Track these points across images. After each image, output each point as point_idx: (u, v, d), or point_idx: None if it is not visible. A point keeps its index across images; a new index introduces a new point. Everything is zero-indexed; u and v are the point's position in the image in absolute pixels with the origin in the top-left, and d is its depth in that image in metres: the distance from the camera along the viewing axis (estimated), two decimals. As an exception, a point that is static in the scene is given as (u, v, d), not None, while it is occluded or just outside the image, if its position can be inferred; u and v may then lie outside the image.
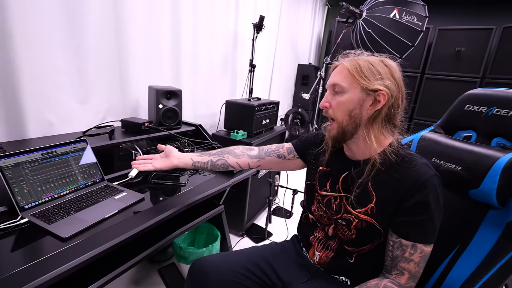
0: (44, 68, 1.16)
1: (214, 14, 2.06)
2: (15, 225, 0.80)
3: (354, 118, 0.74)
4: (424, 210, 0.69)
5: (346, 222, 0.80)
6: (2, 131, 1.08)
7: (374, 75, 0.71)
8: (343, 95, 0.74)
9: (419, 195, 0.69)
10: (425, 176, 0.69)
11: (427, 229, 0.70)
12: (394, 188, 0.72)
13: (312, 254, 0.92)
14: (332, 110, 0.77)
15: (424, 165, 0.72)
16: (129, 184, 1.15)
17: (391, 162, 0.74)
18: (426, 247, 0.71)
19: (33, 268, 0.65)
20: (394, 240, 0.73)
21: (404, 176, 0.72)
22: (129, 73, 1.52)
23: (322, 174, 0.89)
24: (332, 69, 0.80)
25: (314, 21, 4.04)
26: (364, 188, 0.77)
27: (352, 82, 0.72)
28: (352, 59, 0.75)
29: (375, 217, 0.75)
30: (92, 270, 0.86)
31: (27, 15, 1.06)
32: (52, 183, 0.94)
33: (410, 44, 2.90)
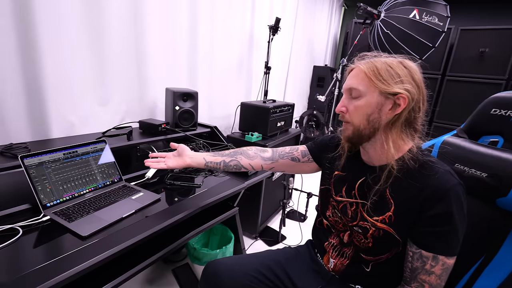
0: (67, 71, 1.20)
1: (231, 16, 2.07)
2: (38, 222, 0.83)
3: (372, 123, 0.71)
4: (446, 221, 0.66)
5: (362, 229, 0.77)
6: (28, 131, 1.13)
7: (393, 78, 0.68)
8: (360, 99, 0.71)
9: (441, 205, 0.65)
10: (447, 184, 0.66)
11: (450, 241, 0.67)
12: (414, 197, 0.69)
13: (326, 260, 0.90)
14: (349, 114, 0.74)
15: (446, 172, 0.68)
16: (145, 184, 1.17)
17: (410, 169, 0.70)
18: (448, 259, 0.67)
19: (53, 266, 0.67)
20: (414, 251, 0.70)
21: (424, 184, 0.68)
22: (147, 76, 1.56)
23: (338, 179, 0.86)
24: (348, 72, 0.77)
25: (330, 22, 3.99)
26: (381, 195, 0.74)
27: (370, 85, 0.69)
28: (369, 62, 0.72)
29: (393, 226, 0.72)
30: (109, 269, 0.88)
31: (52, 18, 1.11)
32: (72, 182, 0.97)
33: (430, 45, 2.81)
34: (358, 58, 0.77)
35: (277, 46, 2.73)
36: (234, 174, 1.35)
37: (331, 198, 0.87)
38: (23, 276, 0.63)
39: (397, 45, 2.85)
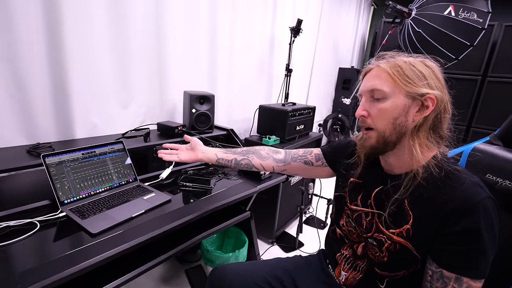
0: (91, 74, 1.27)
1: (252, 19, 2.07)
2: (55, 218, 0.87)
3: (398, 127, 0.65)
4: (473, 239, 0.58)
5: (377, 242, 0.71)
6: (54, 131, 1.20)
7: (419, 78, 0.63)
8: (385, 101, 0.65)
9: (467, 221, 0.58)
10: (476, 198, 0.59)
11: (476, 262, 0.59)
12: (435, 210, 0.62)
13: (338, 273, 0.85)
14: (371, 118, 0.68)
15: (475, 184, 0.61)
16: (159, 185, 1.19)
17: (433, 178, 0.64)
18: (474, 282, 0.59)
19: (60, 262, 0.70)
20: (434, 269, 0.63)
21: (448, 196, 0.61)
22: (167, 79, 1.60)
23: (353, 186, 0.81)
24: (364, 73, 0.72)
25: (358, 22, 3.86)
26: (399, 206, 0.67)
27: (395, 86, 0.64)
28: (390, 61, 0.66)
29: (411, 240, 0.65)
30: (122, 263, 0.91)
31: (79, 25, 1.18)
32: (90, 181, 1.01)
33: (468, 44, 2.59)
34: (377, 58, 0.72)
35: (300, 48, 2.68)
36: (247, 177, 1.33)
37: (346, 206, 0.82)
38: (31, 269, 0.66)
39: (430, 44, 2.67)
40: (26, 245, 0.76)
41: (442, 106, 0.65)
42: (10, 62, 1.04)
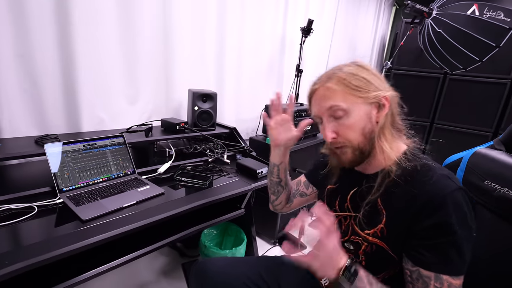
0: (99, 72, 1.34)
1: (262, 19, 2.08)
2: (52, 204, 0.93)
3: (368, 135, 0.65)
4: (445, 233, 0.56)
5: (354, 246, 0.70)
6: (63, 124, 1.28)
7: (366, 84, 0.64)
8: (348, 116, 0.64)
9: (437, 215, 0.57)
10: (444, 191, 0.58)
11: (452, 257, 0.57)
12: (406, 206, 0.61)
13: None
14: (341, 137, 0.66)
15: (443, 177, 0.60)
16: (157, 179, 1.23)
17: (404, 174, 0.63)
18: (454, 279, 0.57)
19: (50, 242, 0.74)
20: (411, 268, 0.61)
21: (418, 191, 0.60)
22: (174, 77, 1.65)
23: (330, 193, 0.81)
24: (310, 96, 0.71)
25: (377, 23, 3.74)
26: (373, 206, 0.66)
27: (351, 99, 0.64)
28: (333, 77, 0.65)
29: (386, 240, 0.64)
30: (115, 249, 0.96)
31: (88, 24, 1.25)
32: (89, 171, 1.07)
33: (493, 45, 2.44)
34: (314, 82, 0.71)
35: (312, 49, 2.65)
36: (244, 176, 1.34)
37: None
38: (23, 247, 0.71)
39: (451, 45, 2.54)
40: (21, 227, 0.82)
41: (394, 101, 0.67)
42: (23, 59, 1.12)
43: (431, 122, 3.47)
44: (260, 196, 1.88)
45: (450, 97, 3.35)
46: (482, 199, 0.79)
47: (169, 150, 1.42)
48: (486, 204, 0.78)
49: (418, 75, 3.40)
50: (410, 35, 2.84)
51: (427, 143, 3.54)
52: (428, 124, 3.48)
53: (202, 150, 1.51)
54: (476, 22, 2.40)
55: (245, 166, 1.38)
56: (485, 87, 3.14)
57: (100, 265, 0.90)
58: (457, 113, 3.31)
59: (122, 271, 1.54)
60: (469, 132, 3.27)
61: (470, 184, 0.81)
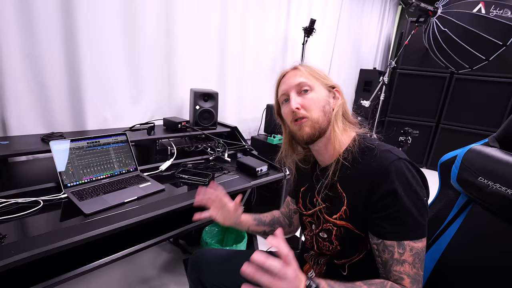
0: (104, 72, 1.38)
1: (264, 20, 2.10)
2: (57, 198, 0.97)
3: (327, 114, 0.73)
4: (393, 201, 0.61)
5: (327, 233, 0.75)
6: (68, 122, 1.33)
7: (324, 75, 0.76)
8: (312, 92, 0.73)
9: (384, 185, 0.62)
10: (386, 162, 0.63)
11: (406, 222, 0.61)
12: (358, 184, 0.66)
13: (306, 270, 0.88)
14: (304, 109, 0.73)
15: (385, 151, 0.66)
16: (158, 176, 1.26)
17: (354, 157, 0.69)
18: (415, 242, 0.61)
19: (55, 234, 0.78)
20: (376, 242, 0.65)
21: (366, 168, 0.66)
22: (176, 77, 1.69)
23: (303, 194, 0.85)
24: (281, 76, 0.80)
25: (382, 22, 3.72)
26: (334, 191, 0.72)
27: (315, 79, 0.74)
28: (298, 66, 0.78)
29: (350, 220, 0.69)
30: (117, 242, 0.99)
31: (93, 25, 1.29)
32: (92, 168, 1.11)
33: (500, 44, 2.40)
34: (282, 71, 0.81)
35: (316, 48, 2.66)
36: (244, 173, 1.36)
37: (303, 216, 0.85)
38: (29, 239, 0.75)
39: (457, 44, 2.51)
40: (27, 220, 0.85)
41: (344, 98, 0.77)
42: (31, 59, 1.17)
43: (437, 122, 3.43)
44: (261, 194, 1.90)
45: (456, 97, 3.30)
46: (476, 196, 0.79)
47: (171, 148, 1.45)
48: (479, 201, 0.78)
49: (423, 75, 3.36)
50: (415, 34, 2.81)
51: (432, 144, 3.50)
52: (434, 125, 3.44)
53: (203, 149, 1.54)
54: (482, 20, 2.38)
55: (245, 164, 1.40)
56: (492, 87, 3.09)
57: (103, 257, 0.93)
58: (464, 113, 3.26)
59: (126, 265, 1.59)
60: (475, 132, 3.23)
61: (464, 181, 0.82)
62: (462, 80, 3.21)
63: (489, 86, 3.10)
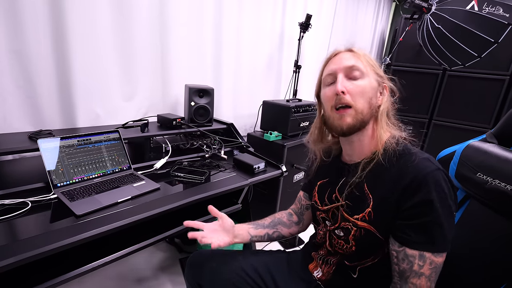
0: (95, 67, 1.33)
1: (259, 15, 2.06)
2: (46, 199, 0.93)
3: (372, 107, 0.68)
4: (427, 211, 0.58)
5: (344, 232, 0.72)
6: (57, 119, 1.28)
7: (377, 65, 0.70)
8: (363, 80, 0.67)
9: (419, 194, 0.59)
10: (425, 171, 0.61)
11: (434, 234, 0.59)
12: (390, 187, 0.63)
13: (312, 268, 0.86)
14: (350, 96, 0.67)
15: (424, 160, 0.63)
16: (153, 174, 1.23)
17: (389, 159, 0.66)
18: (436, 257, 0.59)
19: (44, 237, 0.74)
20: (397, 249, 0.63)
21: (401, 173, 0.63)
22: (170, 73, 1.64)
23: (320, 188, 0.83)
24: (333, 55, 0.73)
25: (377, 18, 3.72)
26: (360, 191, 0.68)
27: (369, 67, 0.68)
28: (355, 47, 0.71)
29: (373, 223, 0.66)
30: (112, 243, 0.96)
31: (82, 18, 1.23)
32: (83, 167, 1.07)
33: (492, 41, 2.42)
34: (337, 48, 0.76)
35: (311, 44, 2.63)
36: (241, 171, 1.34)
37: (318, 211, 0.83)
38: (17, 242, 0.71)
39: (450, 41, 2.53)
40: (14, 222, 0.81)
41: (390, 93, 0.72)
42: (18, 54, 1.12)
43: (429, 118, 3.46)
44: (258, 191, 1.89)
45: (448, 93, 3.34)
46: (475, 191, 0.79)
47: (166, 146, 1.41)
48: (478, 197, 0.78)
49: (417, 71, 3.39)
50: (409, 31, 2.82)
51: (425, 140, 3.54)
52: (427, 121, 3.47)
53: (199, 146, 1.51)
54: (475, 17, 2.39)
55: (242, 161, 1.37)
56: (484, 83, 3.14)
57: (96, 259, 0.90)
58: (456, 109, 3.30)
59: (121, 266, 1.55)
60: (467, 128, 3.27)
61: (462, 177, 0.81)
62: (454, 76, 3.25)
63: (480, 82, 3.14)
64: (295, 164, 1.89)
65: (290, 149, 1.80)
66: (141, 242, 1.01)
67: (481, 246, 0.76)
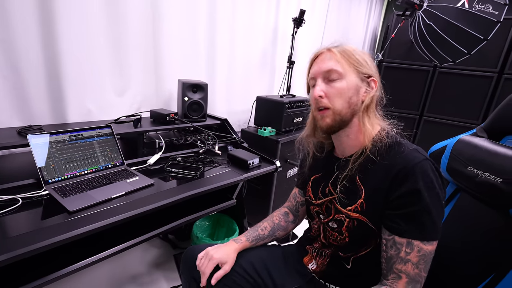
0: (86, 60, 1.30)
1: (253, 9, 2.05)
2: (37, 196, 0.91)
3: (352, 106, 0.69)
4: (415, 200, 0.60)
5: (338, 223, 0.74)
6: (47, 114, 1.25)
7: (364, 62, 0.69)
8: (341, 81, 0.69)
9: (407, 184, 0.61)
10: (413, 162, 0.62)
11: (423, 223, 0.60)
12: (380, 178, 0.65)
13: (307, 261, 0.87)
14: (328, 99, 0.70)
15: (412, 150, 0.65)
16: (146, 170, 1.22)
17: (379, 151, 0.68)
18: (425, 244, 0.60)
19: (36, 234, 0.73)
20: (387, 237, 0.65)
21: (390, 164, 0.65)
22: (163, 68, 1.62)
23: (313, 183, 0.84)
24: (314, 57, 0.75)
25: (369, 15, 3.74)
26: (352, 183, 0.70)
27: (349, 66, 0.69)
28: (338, 46, 0.71)
29: (365, 214, 0.68)
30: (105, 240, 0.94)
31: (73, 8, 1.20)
32: (75, 163, 1.05)
33: (482, 38, 2.47)
34: (320, 48, 0.76)
35: (305, 40, 2.63)
36: (235, 166, 1.34)
37: (311, 205, 0.84)
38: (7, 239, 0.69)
39: (441, 37, 2.57)
40: (4, 219, 0.79)
41: (379, 88, 0.72)
42: (3, 44, 1.08)
43: (420, 114, 3.52)
44: (252, 187, 1.89)
45: (438, 90, 3.39)
46: (465, 185, 0.81)
47: (159, 142, 1.40)
48: (469, 190, 0.80)
49: (408, 68, 3.42)
50: (401, 28, 2.85)
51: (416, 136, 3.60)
52: (418, 117, 3.53)
53: (193, 141, 1.50)
54: (466, 14, 2.43)
55: (236, 157, 1.37)
56: (473, 80, 3.20)
57: (90, 256, 0.89)
58: (445, 106, 3.36)
59: (114, 263, 1.54)
60: (456, 124, 3.34)
61: (454, 170, 0.83)
62: (444, 73, 3.30)
63: (469, 79, 3.20)
64: (288, 159, 1.90)
65: (284, 144, 1.80)
66: (135, 238, 1.00)
67: (472, 239, 0.79)
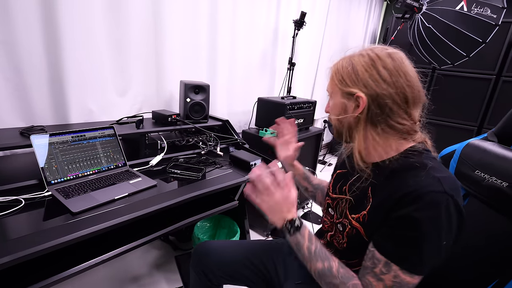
0: (88, 61, 1.29)
1: (254, 11, 2.05)
2: (40, 197, 0.90)
3: (343, 123, 0.70)
4: (410, 227, 0.55)
5: (343, 227, 0.74)
6: (49, 115, 1.24)
7: (351, 77, 0.65)
8: (331, 99, 0.73)
9: (408, 208, 0.55)
10: (425, 188, 0.55)
11: (408, 252, 0.56)
12: (388, 195, 0.61)
13: None
14: (329, 113, 0.76)
15: (433, 178, 0.57)
16: (149, 171, 1.21)
17: (398, 169, 0.64)
18: (404, 274, 0.56)
19: (38, 235, 0.72)
20: (370, 249, 0.63)
21: (401, 183, 0.60)
22: (165, 69, 1.61)
23: (337, 177, 0.85)
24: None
25: (368, 17, 3.76)
26: (364, 193, 0.69)
27: (334, 86, 0.70)
28: (339, 61, 0.70)
29: (364, 225, 0.67)
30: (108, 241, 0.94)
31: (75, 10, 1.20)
32: (78, 163, 1.04)
33: (480, 41, 2.49)
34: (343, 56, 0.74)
35: (305, 42, 2.64)
36: (238, 168, 1.34)
37: (327, 196, 0.85)
38: (10, 241, 0.68)
39: (440, 40, 2.58)
40: (7, 221, 0.78)
41: (380, 100, 0.62)
42: (6, 45, 1.07)
43: (419, 116, 3.54)
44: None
45: (437, 92, 3.42)
46: (473, 189, 0.81)
47: (161, 143, 1.39)
48: (476, 194, 0.80)
49: (407, 70, 3.44)
50: (400, 30, 2.86)
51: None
52: (417, 119, 3.55)
53: (195, 143, 1.49)
54: (464, 18, 2.45)
55: (238, 158, 1.37)
56: (471, 82, 3.22)
57: (92, 258, 0.88)
58: (444, 108, 3.38)
59: (115, 264, 1.53)
60: (455, 126, 3.36)
61: (461, 174, 0.83)
62: (443, 75, 3.32)
63: (468, 82, 3.23)
64: (290, 161, 1.90)
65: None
66: (138, 239, 1.00)
67: (475, 243, 0.78)
